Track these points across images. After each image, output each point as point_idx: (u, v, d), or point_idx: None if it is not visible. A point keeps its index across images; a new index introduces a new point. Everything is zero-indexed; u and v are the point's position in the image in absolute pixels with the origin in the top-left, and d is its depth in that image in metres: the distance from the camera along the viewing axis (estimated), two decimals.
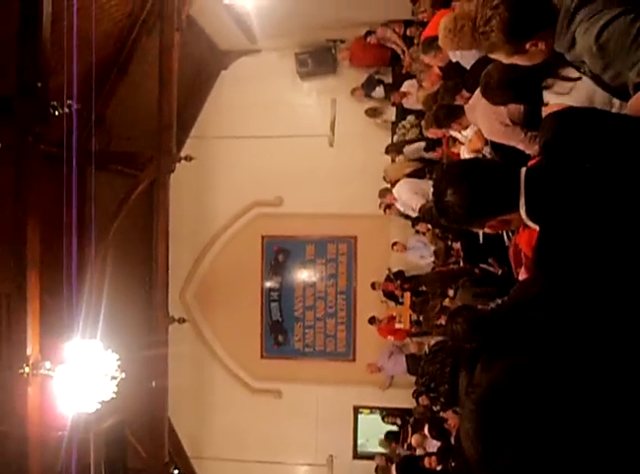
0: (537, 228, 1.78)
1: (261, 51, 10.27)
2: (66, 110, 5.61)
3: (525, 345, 0.58)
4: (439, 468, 6.65)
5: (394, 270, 9.69)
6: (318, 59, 10.23)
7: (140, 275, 9.31)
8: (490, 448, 0.68)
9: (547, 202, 1.63)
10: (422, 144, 8.54)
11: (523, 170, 1.69)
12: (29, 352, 5.83)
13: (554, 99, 2.96)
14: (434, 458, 6.62)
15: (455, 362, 2.00)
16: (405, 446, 8.98)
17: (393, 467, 8.08)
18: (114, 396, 5.55)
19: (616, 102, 2.19)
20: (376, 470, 9.42)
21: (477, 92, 4.58)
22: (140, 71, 8.54)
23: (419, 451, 7.70)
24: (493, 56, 2.41)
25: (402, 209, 8.93)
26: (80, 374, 5.28)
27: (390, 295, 9.65)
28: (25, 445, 5.75)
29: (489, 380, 0.66)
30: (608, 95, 2.21)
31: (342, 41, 10.16)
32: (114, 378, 5.49)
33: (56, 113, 5.58)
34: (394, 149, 9.22)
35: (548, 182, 1.62)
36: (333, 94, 10.23)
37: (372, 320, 9.57)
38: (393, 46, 9.68)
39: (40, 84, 5.37)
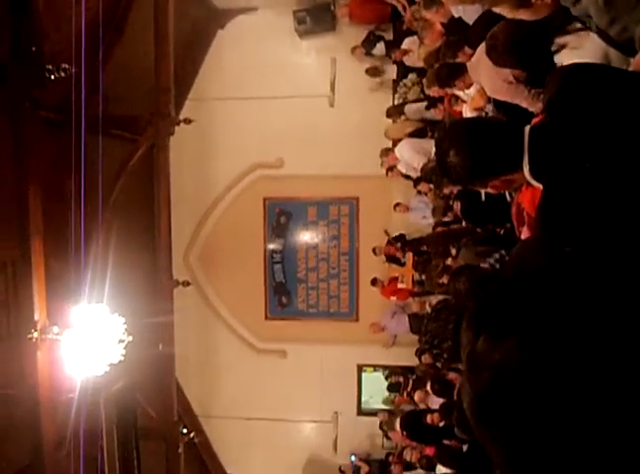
0: (541, 187, 1.78)
1: (258, 9, 10.05)
2: (62, 73, 5.54)
3: (529, 321, 0.61)
4: (441, 424, 6.80)
5: (395, 233, 9.70)
6: (317, 17, 10.02)
7: (144, 239, 9.34)
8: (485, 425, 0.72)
9: (551, 161, 1.62)
10: (423, 104, 8.44)
11: (527, 128, 1.68)
12: (36, 317, 5.92)
13: (568, 57, 2.90)
14: (436, 415, 6.75)
15: (458, 320, 2.02)
16: (405, 395, 9.11)
17: (397, 422, 8.27)
18: (122, 359, 5.65)
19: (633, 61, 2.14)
20: (381, 426, 9.64)
21: (480, 49, 4.49)
22: (136, 32, 8.38)
23: (422, 407, 7.86)
24: (497, 10, 2.35)
25: (404, 170, 8.88)
26: (88, 338, 5.36)
27: (392, 258, 9.68)
28: (36, 409, 5.88)
29: (491, 363, 0.68)
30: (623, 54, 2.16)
31: None
32: (121, 341, 5.58)
33: (52, 76, 5.51)
34: (395, 111, 9.11)
35: (552, 140, 1.61)
36: (332, 52, 10.04)
37: (374, 281, 9.63)
38: (393, 2, 9.46)
39: (34, 48, 5.29)
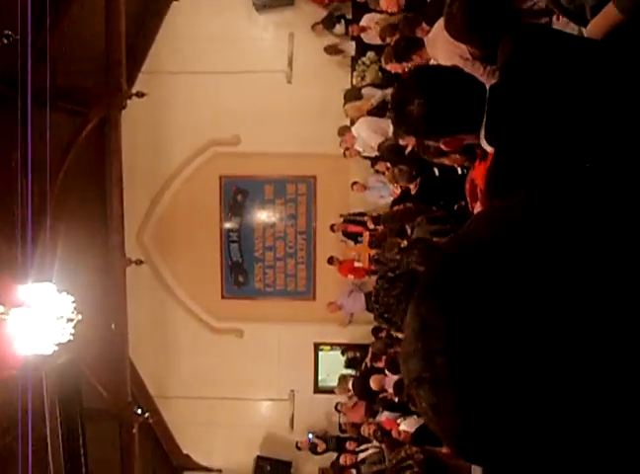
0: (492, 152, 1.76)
1: None
2: (4, 41, 5.27)
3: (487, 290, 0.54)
4: (396, 400, 6.90)
5: (353, 211, 9.72)
6: None
7: (96, 216, 9.10)
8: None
9: (503, 123, 1.60)
10: (380, 91, 8.39)
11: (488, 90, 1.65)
12: None
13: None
14: (390, 392, 6.85)
15: (410, 290, 1.99)
16: (364, 366, 9.16)
17: (350, 383, 8.38)
18: (71, 338, 5.51)
19: None
20: (336, 407, 9.67)
21: (437, 25, 4.47)
22: (86, 2, 8.05)
23: (383, 394, 7.92)
24: None
25: (361, 149, 8.86)
26: (35, 317, 5.19)
27: (349, 235, 9.71)
28: None
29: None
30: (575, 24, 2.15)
31: None
32: (70, 320, 5.43)
33: None
34: (352, 96, 9.03)
35: (505, 102, 1.59)
36: (290, 28, 9.89)
37: (331, 260, 9.65)
38: None
39: None
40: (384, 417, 7.48)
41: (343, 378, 9.26)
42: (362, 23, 8.83)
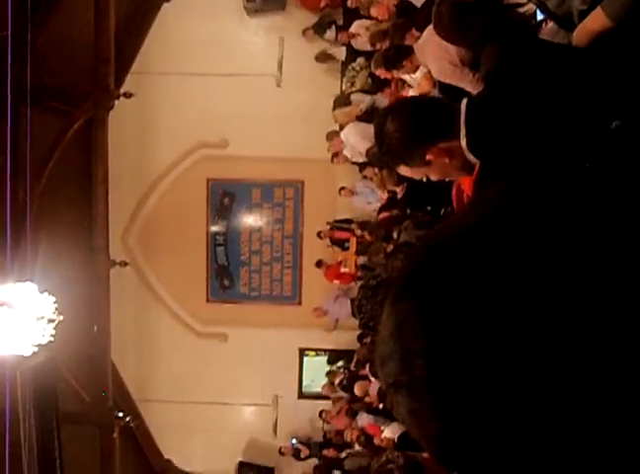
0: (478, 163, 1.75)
1: None
2: None
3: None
4: (380, 406, 6.89)
5: (340, 217, 9.72)
6: None
7: (80, 217, 9.01)
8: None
9: (488, 134, 1.59)
10: (369, 96, 8.41)
11: (464, 101, 1.65)
12: None
13: None
14: (375, 398, 6.83)
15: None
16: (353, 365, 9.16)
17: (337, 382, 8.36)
18: (51, 339, 5.42)
19: None
20: (320, 414, 9.61)
21: (427, 31, 4.48)
22: (76, 1, 8.00)
23: (366, 398, 7.91)
24: None
25: (349, 155, 8.86)
26: (15, 317, 5.11)
27: (336, 242, 9.69)
28: None
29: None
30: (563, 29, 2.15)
31: None
32: (51, 321, 5.35)
33: None
34: (342, 102, 9.03)
35: (489, 112, 1.58)
36: (281, 32, 9.88)
37: (319, 263, 9.63)
38: None
39: None
40: (367, 422, 7.46)
41: (331, 374, 9.26)
42: (352, 29, 8.85)
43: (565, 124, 1.45)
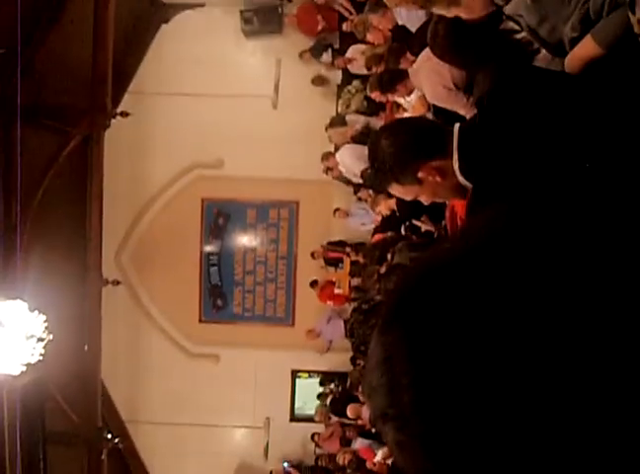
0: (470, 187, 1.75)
1: (205, 6, 9.87)
2: None
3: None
4: (373, 431, 6.81)
5: (335, 238, 9.72)
6: (264, 18, 9.94)
7: (73, 236, 8.97)
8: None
9: (480, 159, 1.59)
10: (364, 118, 8.47)
11: (457, 125, 1.66)
12: None
13: None
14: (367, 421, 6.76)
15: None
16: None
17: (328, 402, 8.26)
18: (40, 358, 5.35)
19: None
20: (312, 437, 9.51)
21: (421, 56, 4.53)
22: (74, 18, 8.07)
23: (359, 421, 7.84)
24: (435, 11, 2.36)
25: (344, 171, 8.90)
26: (2, 335, 5.05)
27: (330, 262, 9.67)
28: None
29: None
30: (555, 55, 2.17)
31: (289, 0, 9.89)
32: (40, 340, 5.28)
33: None
34: (337, 122, 9.09)
35: (481, 138, 1.59)
36: (278, 54, 9.98)
37: (314, 283, 9.60)
38: (340, 9, 9.50)
39: None
40: (360, 445, 7.37)
41: (322, 396, 9.18)
42: (348, 54, 8.94)
43: (556, 152, 1.46)
